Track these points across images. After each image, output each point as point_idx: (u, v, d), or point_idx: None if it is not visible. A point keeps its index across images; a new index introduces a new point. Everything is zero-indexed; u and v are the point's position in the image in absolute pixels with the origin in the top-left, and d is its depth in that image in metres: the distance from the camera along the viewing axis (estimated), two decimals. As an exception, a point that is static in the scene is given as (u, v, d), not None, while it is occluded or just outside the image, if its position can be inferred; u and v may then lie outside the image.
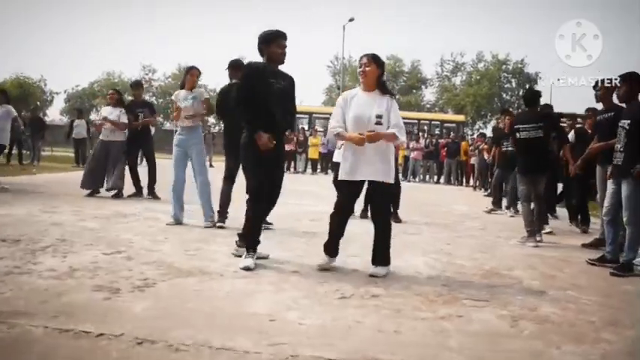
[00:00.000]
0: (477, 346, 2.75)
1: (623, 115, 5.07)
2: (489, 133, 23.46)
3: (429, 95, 48.52)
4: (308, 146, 21.13)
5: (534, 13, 54.96)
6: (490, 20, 67.31)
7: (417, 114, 34.19)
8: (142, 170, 8.91)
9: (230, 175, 6.03)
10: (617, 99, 5.44)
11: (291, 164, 20.58)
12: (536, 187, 6.36)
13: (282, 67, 4.48)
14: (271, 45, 4.29)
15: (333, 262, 4.30)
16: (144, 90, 9.68)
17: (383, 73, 4.30)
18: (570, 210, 8.07)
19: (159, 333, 2.63)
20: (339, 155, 5.22)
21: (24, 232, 4.94)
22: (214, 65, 49.74)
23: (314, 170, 21.47)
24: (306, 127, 24.52)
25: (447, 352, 2.66)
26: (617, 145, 5.01)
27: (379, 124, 4.15)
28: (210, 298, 3.32)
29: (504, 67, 45.47)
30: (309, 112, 27.36)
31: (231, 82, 6.12)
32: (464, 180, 19.66)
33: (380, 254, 4.24)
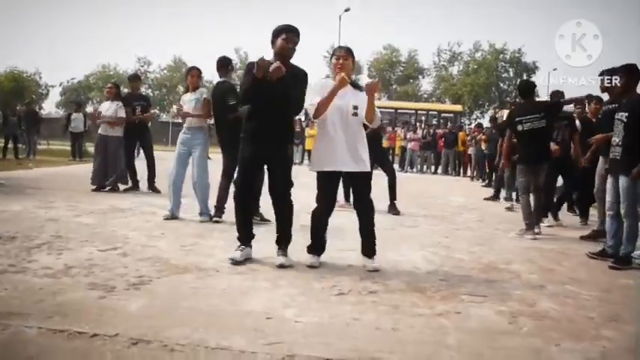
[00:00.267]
0: (475, 344, 2.74)
1: (620, 108, 5.04)
2: (487, 122, 23.45)
3: (426, 85, 48.53)
4: (305, 137, 21.00)
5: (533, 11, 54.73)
6: (488, 12, 67.18)
7: (414, 104, 34.19)
8: (141, 163, 8.86)
9: (227, 171, 5.99)
10: (614, 91, 5.41)
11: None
12: (537, 178, 6.33)
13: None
14: (277, 38, 4.21)
15: (321, 259, 4.29)
16: (141, 83, 9.63)
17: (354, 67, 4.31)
18: (568, 201, 8.05)
19: (154, 333, 2.61)
20: None
21: (19, 229, 4.90)
22: (211, 58, 49.44)
23: (311, 161, 21.31)
24: (303, 118, 24.40)
25: (445, 349, 2.64)
26: (614, 139, 4.98)
27: (355, 115, 4.16)
28: (206, 295, 3.29)
29: (502, 56, 45.39)
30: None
31: (220, 80, 6.14)
32: (461, 170, 19.64)
33: (371, 243, 4.29)
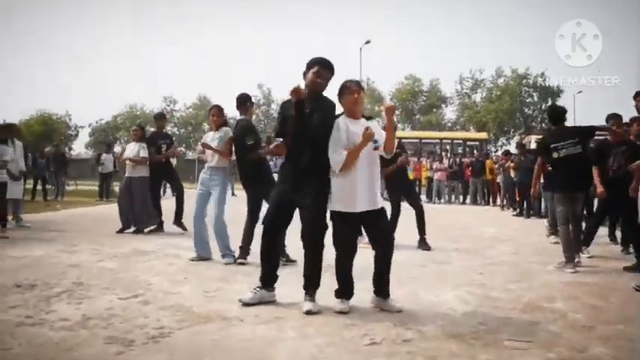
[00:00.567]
0: (524, 400, 2.47)
1: None
2: (513, 149, 22.96)
3: (449, 114, 48.22)
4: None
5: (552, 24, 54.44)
6: (509, 36, 67.22)
7: (439, 133, 33.92)
8: (166, 202, 8.78)
9: (252, 210, 5.84)
10: None
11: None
12: (575, 207, 6.03)
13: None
14: (309, 71, 4.07)
15: (350, 302, 4.05)
16: (166, 121, 9.69)
17: None
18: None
19: (173, 395, 2.41)
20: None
21: (40, 276, 4.80)
22: (235, 94, 50.14)
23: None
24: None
25: (491, 408, 2.39)
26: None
27: (376, 149, 4.00)
28: (229, 349, 3.08)
29: (525, 81, 44.95)
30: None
31: (240, 118, 6.06)
32: (490, 199, 19.19)
33: (387, 283, 4.05)
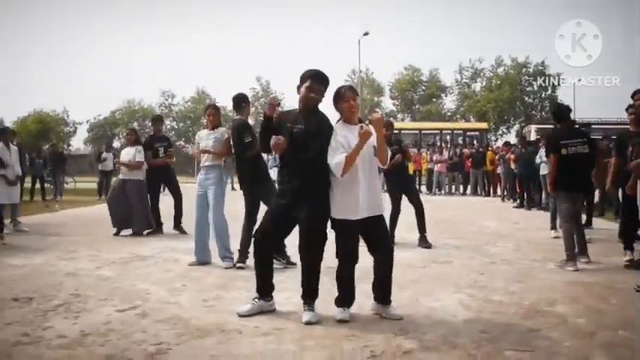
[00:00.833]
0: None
1: None
2: (513, 138, 22.94)
3: (449, 103, 48.17)
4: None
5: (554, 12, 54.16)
6: (508, 25, 66.91)
7: (439, 124, 33.84)
8: (166, 206, 8.77)
9: (249, 211, 5.81)
10: None
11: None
12: (575, 206, 6.01)
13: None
14: (302, 85, 4.00)
15: (350, 310, 4.02)
16: (163, 123, 9.63)
17: None
18: None
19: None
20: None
21: (37, 287, 4.76)
22: (233, 87, 50.15)
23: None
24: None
25: None
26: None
27: (375, 155, 3.96)
28: (228, 365, 3.05)
29: (525, 70, 44.79)
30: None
31: (235, 118, 6.03)
32: (491, 190, 19.15)
33: (388, 291, 4.02)
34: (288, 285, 4.62)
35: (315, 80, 3.98)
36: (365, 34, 31.98)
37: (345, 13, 71.61)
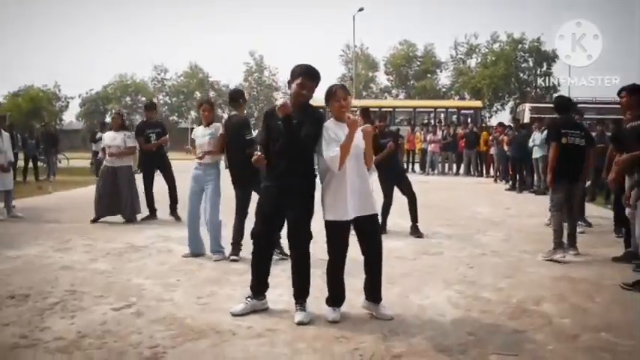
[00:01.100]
0: None
1: None
2: (507, 116, 22.84)
3: (444, 79, 47.79)
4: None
5: None
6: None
7: (433, 102, 33.57)
8: (161, 184, 8.78)
9: (242, 206, 5.86)
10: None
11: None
12: (571, 198, 6.21)
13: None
14: (294, 82, 4.04)
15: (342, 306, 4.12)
16: (156, 112, 9.43)
17: None
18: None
19: None
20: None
21: (33, 283, 4.82)
22: (226, 61, 49.59)
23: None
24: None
25: None
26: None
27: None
28: (221, 372, 3.14)
29: (520, 46, 44.52)
30: (323, 107, 26.89)
31: (232, 114, 6.01)
32: (483, 171, 19.24)
33: (378, 289, 4.11)
34: (281, 280, 4.70)
35: (307, 77, 4.03)
36: (360, 9, 31.70)
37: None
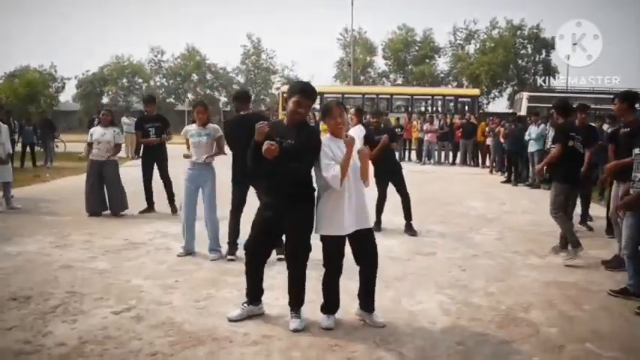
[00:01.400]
0: None
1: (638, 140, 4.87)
2: (505, 102, 22.64)
3: (442, 65, 47.69)
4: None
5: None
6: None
7: (430, 89, 33.54)
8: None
9: (238, 206, 5.93)
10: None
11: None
12: (568, 201, 6.32)
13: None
14: (290, 99, 4.02)
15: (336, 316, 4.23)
16: (155, 107, 9.36)
17: None
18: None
19: None
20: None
21: (34, 284, 4.92)
22: (223, 44, 49.21)
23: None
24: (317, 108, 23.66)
25: None
26: (637, 174, 4.80)
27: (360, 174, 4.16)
28: (219, 382, 3.25)
29: (519, 32, 44.41)
30: (320, 92, 26.64)
31: (238, 114, 5.99)
32: (480, 161, 19.33)
33: (372, 299, 4.22)
34: (277, 282, 4.82)
35: (304, 95, 4.05)
36: (359, -6, 31.44)
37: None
